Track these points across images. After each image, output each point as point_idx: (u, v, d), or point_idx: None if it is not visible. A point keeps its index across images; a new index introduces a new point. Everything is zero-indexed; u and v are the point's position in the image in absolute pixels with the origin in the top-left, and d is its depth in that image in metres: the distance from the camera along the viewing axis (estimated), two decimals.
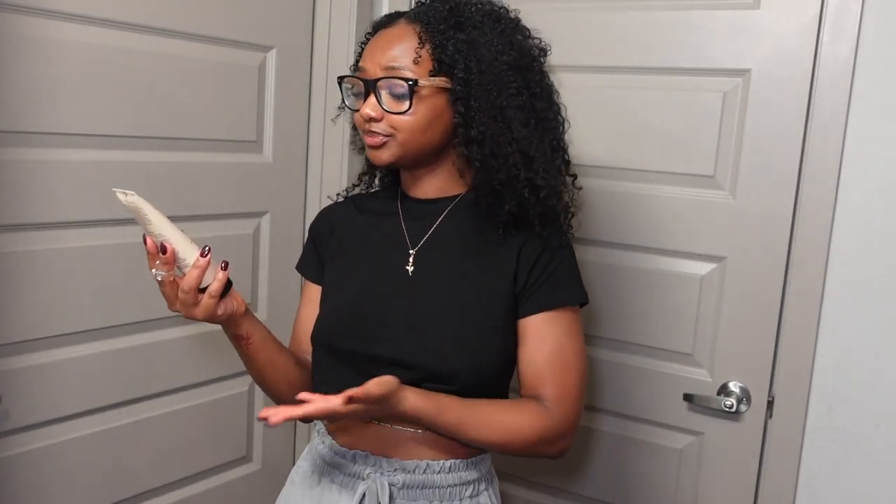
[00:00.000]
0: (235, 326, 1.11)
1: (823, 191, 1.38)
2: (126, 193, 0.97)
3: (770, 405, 1.47)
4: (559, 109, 1.19)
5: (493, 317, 1.13)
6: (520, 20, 1.18)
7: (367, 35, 1.18)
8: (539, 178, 1.11)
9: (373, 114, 1.10)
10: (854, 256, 1.37)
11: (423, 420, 1.06)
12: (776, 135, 1.42)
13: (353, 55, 1.25)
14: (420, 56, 1.09)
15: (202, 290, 1.02)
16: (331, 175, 1.82)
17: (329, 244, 1.26)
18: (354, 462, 1.13)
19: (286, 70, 1.76)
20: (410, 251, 1.18)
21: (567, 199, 1.20)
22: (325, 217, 1.30)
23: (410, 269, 1.16)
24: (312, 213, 1.82)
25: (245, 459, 1.83)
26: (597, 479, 1.67)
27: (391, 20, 1.16)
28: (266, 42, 1.71)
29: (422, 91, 1.09)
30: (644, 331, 1.58)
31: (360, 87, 1.13)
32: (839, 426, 1.41)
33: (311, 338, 1.19)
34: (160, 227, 0.99)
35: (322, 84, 1.81)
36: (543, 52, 1.19)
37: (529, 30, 1.19)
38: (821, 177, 1.38)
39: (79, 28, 1.37)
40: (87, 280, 1.45)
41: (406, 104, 1.09)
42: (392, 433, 1.12)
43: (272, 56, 1.73)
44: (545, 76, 1.18)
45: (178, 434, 1.65)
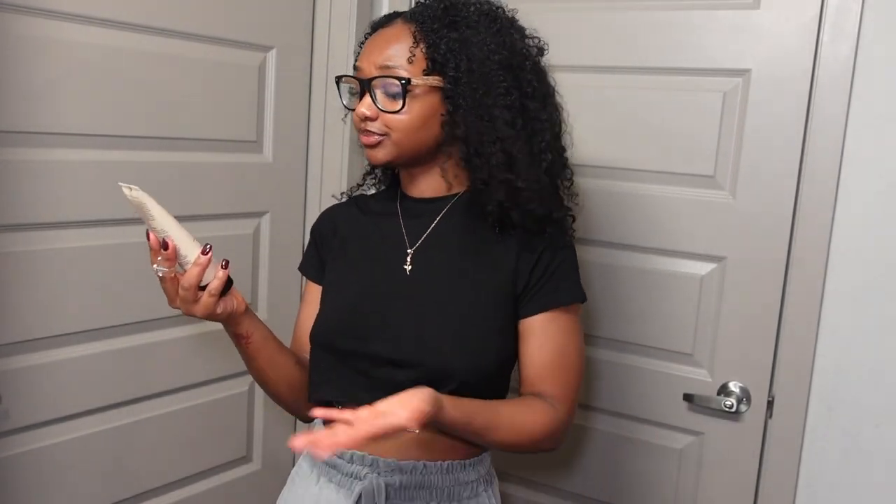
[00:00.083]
0: (236, 325, 1.11)
1: (823, 191, 1.38)
2: (131, 188, 0.98)
3: (770, 405, 1.47)
4: (555, 110, 1.18)
5: (492, 315, 1.13)
6: (516, 19, 1.18)
7: (366, 35, 1.19)
8: (519, 181, 1.10)
9: (368, 113, 1.10)
10: (854, 256, 1.37)
11: (458, 428, 1.02)
12: (776, 135, 1.42)
13: (353, 55, 1.25)
14: (414, 55, 1.10)
15: (202, 288, 1.03)
16: (331, 175, 1.82)
17: (331, 245, 1.26)
18: (352, 462, 1.13)
19: (286, 70, 1.76)
20: (409, 251, 1.18)
21: (553, 202, 1.18)
22: (328, 218, 1.30)
23: (409, 269, 1.17)
24: (312, 213, 1.82)
25: (245, 459, 1.83)
26: (597, 479, 1.67)
27: (388, 20, 1.16)
28: (266, 42, 1.71)
29: (415, 90, 1.09)
30: (644, 331, 1.58)
31: (357, 87, 1.14)
32: (839, 426, 1.41)
33: (311, 337, 1.19)
34: (163, 224, 0.99)
35: (322, 84, 1.81)
36: (540, 52, 1.18)
37: (526, 29, 1.18)
38: (821, 177, 1.38)
39: (79, 28, 1.37)
40: (87, 280, 1.45)
41: (399, 103, 1.09)
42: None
43: (272, 56, 1.73)
44: (541, 76, 1.17)
45: (178, 434, 1.65)
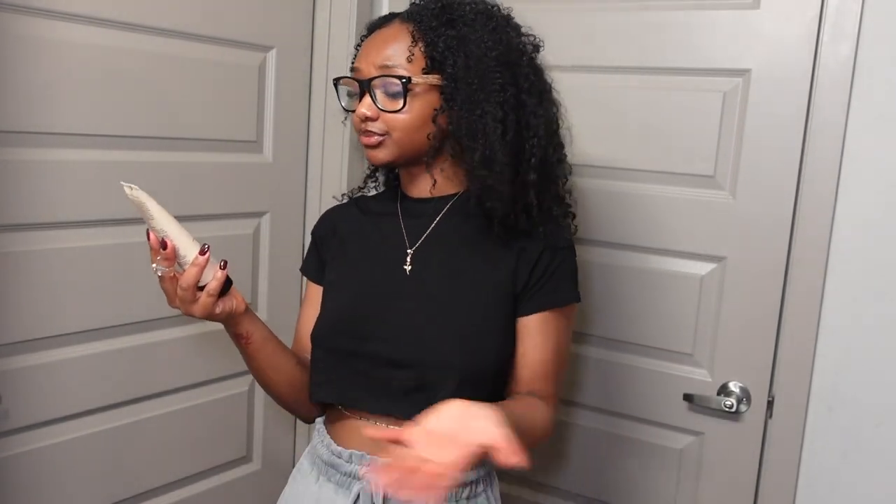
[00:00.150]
0: (235, 325, 1.11)
1: (823, 191, 1.38)
2: (131, 187, 0.98)
3: (770, 405, 1.47)
4: (552, 106, 1.18)
5: (493, 315, 1.13)
6: (511, 17, 1.18)
7: (362, 37, 1.19)
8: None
9: (368, 113, 1.10)
10: (854, 256, 1.37)
11: None
12: (776, 135, 1.42)
13: (350, 57, 1.24)
14: (413, 54, 1.10)
15: (201, 288, 1.03)
16: (331, 175, 1.82)
17: (331, 245, 1.26)
18: (350, 462, 1.13)
19: (286, 70, 1.76)
20: (409, 250, 1.18)
21: (550, 200, 1.18)
22: (328, 219, 1.30)
23: (408, 269, 1.17)
24: (312, 213, 1.82)
25: (245, 459, 1.83)
26: (597, 479, 1.67)
27: (385, 21, 1.16)
28: (266, 42, 1.71)
29: (415, 89, 1.09)
30: (644, 331, 1.58)
31: (356, 88, 1.14)
32: (839, 426, 1.41)
33: (311, 338, 1.19)
34: (162, 223, 1.00)
35: (322, 84, 1.81)
36: (535, 49, 1.18)
37: (521, 26, 1.19)
38: (821, 177, 1.38)
39: (79, 28, 1.37)
40: (87, 280, 1.45)
41: (400, 102, 1.09)
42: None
43: (272, 56, 1.73)
44: (537, 72, 1.17)
45: (178, 434, 1.65)
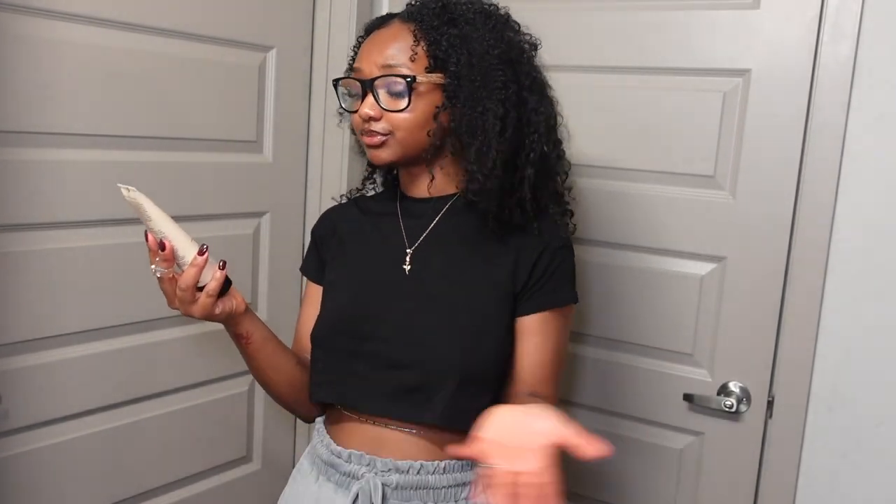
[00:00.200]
0: (235, 325, 1.11)
1: (823, 191, 1.38)
2: (129, 189, 0.99)
3: (770, 405, 1.47)
4: (550, 104, 1.19)
5: (492, 314, 1.13)
6: (510, 16, 1.18)
7: (360, 38, 1.19)
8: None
9: (371, 113, 1.10)
10: (854, 256, 1.37)
11: None
12: (776, 135, 1.42)
13: (348, 59, 1.24)
14: (416, 53, 1.10)
15: (200, 289, 1.03)
16: (331, 175, 1.82)
17: (331, 245, 1.26)
18: (349, 462, 1.13)
19: (286, 70, 1.76)
20: (408, 250, 1.18)
21: (547, 197, 1.19)
22: (327, 219, 1.31)
23: (407, 268, 1.17)
24: (312, 213, 1.82)
25: (245, 459, 1.83)
26: (596, 480, 1.67)
27: (384, 21, 1.16)
28: (266, 42, 1.71)
29: (419, 88, 1.09)
30: (644, 331, 1.58)
31: (357, 88, 1.13)
32: (839, 426, 1.40)
33: (310, 337, 1.19)
34: (160, 225, 1.00)
35: (322, 84, 1.81)
36: (534, 47, 1.19)
37: (520, 25, 1.19)
38: (821, 177, 1.38)
39: (79, 28, 1.37)
40: (87, 280, 1.45)
41: (404, 102, 1.09)
42: (387, 433, 1.13)
43: (272, 56, 1.73)
44: (537, 70, 1.18)
45: (178, 434, 1.65)
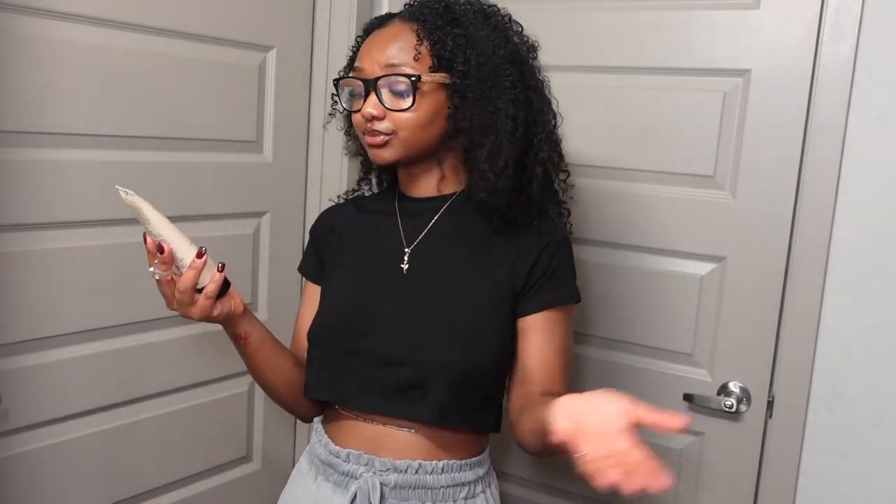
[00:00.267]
0: (234, 326, 1.11)
1: (823, 191, 1.38)
2: (127, 192, 0.98)
3: (770, 405, 1.47)
4: (550, 104, 1.20)
5: (490, 313, 1.13)
6: (511, 16, 1.19)
7: (359, 38, 1.19)
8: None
9: (375, 112, 1.10)
10: (854, 256, 1.37)
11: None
12: (776, 135, 1.42)
13: (347, 59, 1.24)
14: (420, 53, 1.09)
15: (199, 291, 1.03)
16: (330, 175, 1.82)
17: (329, 244, 1.26)
18: (348, 461, 1.14)
19: (286, 70, 1.76)
20: (406, 249, 1.18)
21: (547, 197, 1.19)
22: (326, 218, 1.31)
23: (405, 267, 1.17)
24: (312, 213, 1.82)
25: (245, 459, 1.83)
26: None
27: (384, 21, 1.16)
28: (266, 42, 1.71)
29: (423, 87, 1.09)
30: (644, 331, 1.58)
31: (359, 88, 1.13)
32: (839, 426, 1.40)
33: (307, 336, 1.19)
34: (158, 227, 1.00)
35: (322, 84, 1.81)
36: (533, 48, 1.19)
37: (522, 25, 1.20)
38: (821, 177, 1.38)
39: (79, 28, 1.37)
40: (87, 280, 1.45)
41: (408, 101, 1.09)
42: (386, 433, 1.13)
43: (272, 56, 1.72)
44: (540, 71, 1.19)
45: (178, 434, 1.65)
